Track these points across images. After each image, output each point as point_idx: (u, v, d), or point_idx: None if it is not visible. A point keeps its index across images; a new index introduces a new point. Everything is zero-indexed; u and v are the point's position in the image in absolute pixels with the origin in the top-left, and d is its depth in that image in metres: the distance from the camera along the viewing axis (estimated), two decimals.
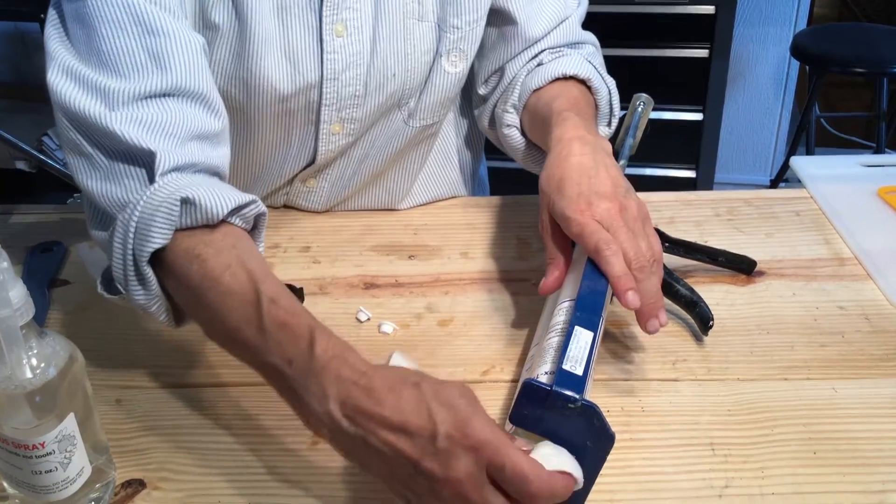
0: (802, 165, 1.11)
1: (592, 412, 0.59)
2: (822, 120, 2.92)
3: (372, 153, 0.98)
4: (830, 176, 1.08)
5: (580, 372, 0.62)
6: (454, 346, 0.83)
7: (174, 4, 0.76)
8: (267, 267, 0.66)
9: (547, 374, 0.64)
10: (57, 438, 0.60)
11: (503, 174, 1.35)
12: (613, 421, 0.61)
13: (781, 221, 1.00)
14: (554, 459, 0.58)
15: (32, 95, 2.60)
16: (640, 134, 0.94)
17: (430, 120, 0.97)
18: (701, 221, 1.00)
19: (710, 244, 0.92)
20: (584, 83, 0.92)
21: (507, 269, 0.94)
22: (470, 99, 1.04)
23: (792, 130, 2.87)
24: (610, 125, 0.96)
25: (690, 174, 2.65)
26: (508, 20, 0.93)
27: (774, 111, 2.90)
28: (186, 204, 0.67)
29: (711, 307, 0.82)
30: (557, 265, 0.76)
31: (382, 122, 0.96)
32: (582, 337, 0.65)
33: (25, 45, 2.69)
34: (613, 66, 0.99)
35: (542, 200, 0.78)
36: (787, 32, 2.77)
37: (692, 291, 0.83)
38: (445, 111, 1.00)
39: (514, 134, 0.95)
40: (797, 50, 2.49)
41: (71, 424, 0.61)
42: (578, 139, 0.79)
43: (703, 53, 2.46)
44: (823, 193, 1.04)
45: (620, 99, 0.96)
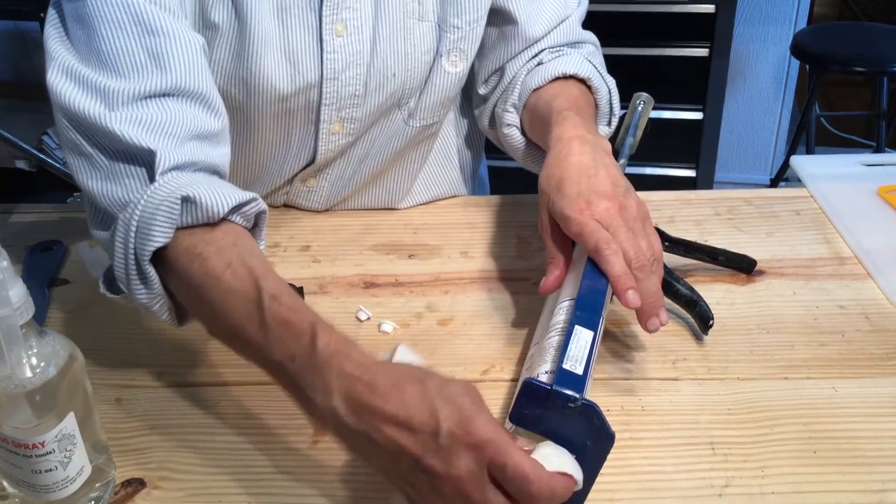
0: (802, 164, 1.11)
1: (592, 411, 0.59)
2: (822, 119, 2.92)
3: (372, 153, 0.98)
4: (830, 175, 1.08)
5: (580, 371, 0.62)
6: (454, 345, 0.83)
7: (174, 4, 0.76)
8: (268, 264, 0.66)
9: (547, 373, 0.64)
10: (57, 437, 0.60)
11: (503, 173, 1.35)
12: (613, 420, 0.61)
13: (781, 220, 1.00)
14: (555, 460, 0.58)
15: (32, 94, 2.60)
16: (640, 133, 0.94)
17: (430, 120, 0.97)
18: (701, 220, 1.00)
19: (710, 243, 0.92)
20: (584, 82, 0.92)
21: (507, 268, 0.94)
22: (470, 98, 1.04)
23: (792, 129, 2.87)
24: (610, 124, 0.96)
25: (690, 173, 2.65)
26: (509, 20, 0.93)
27: (774, 110, 2.90)
28: (187, 202, 0.67)
29: (711, 306, 0.82)
30: (557, 264, 0.76)
31: (382, 121, 0.96)
32: (582, 336, 0.65)
33: (25, 43, 2.69)
34: (613, 65, 0.99)
35: (541, 200, 0.78)
36: (787, 31, 2.77)
37: (692, 290, 0.83)
38: (446, 111, 1.00)
39: (513, 133, 0.95)
40: (797, 49, 2.49)
41: (71, 423, 0.61)
42: (578, 138, 0.79)
43: (703, 52, 2.45)
44: (823, 192, 1.04)
45: (620, 98, 0.96)
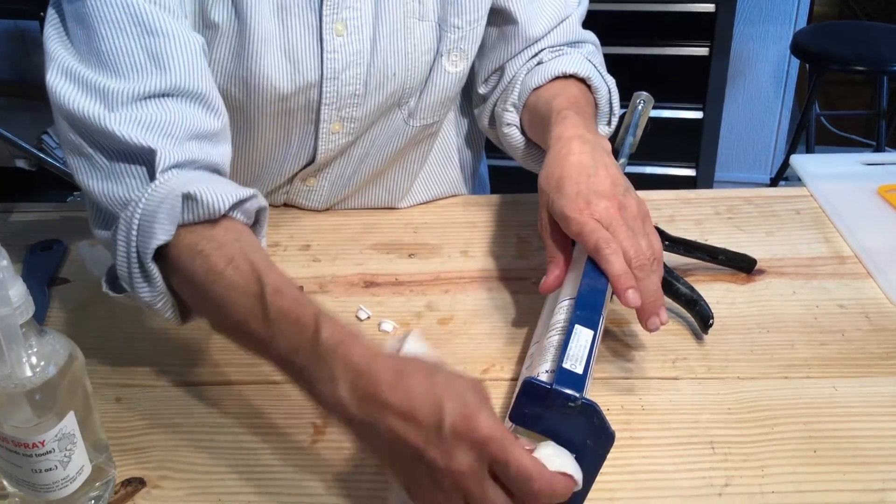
0: (802, 164, 1.10)
1: (592, 411, 0.59)
2: (822, 118, 2.92)
3: (372, 152, 0.98)
4: (830, 174, 1.08)
5: (580, 370, 0.62)
6: (454, 344, 0.83)
7: (174, 4, 0.76)
8: (270, 259, 0.66)
9: (547, 372, 0.64)
10: (57, 437, 0.60)
11: (503, 173, 1.35)
12: (613, 419, 0.61)
13: (781, 220, 1.00)
14: (556, 460, 0.58)
15: (32, 93, 2.60)
16: (640, 132, 0.94)
17: (430, 119, 0.97)
18: (701, 220, 1.00)
19: (710, 242, 0.92)
20: (583, 82, 0.92)
21: (507, 267, 0.94)
22: (470, 98, 1.04)
23: (792, 128, 2.87)
24: (610, 124, 0.96)
25: (690, 172, 2.65)
26: (509, 19, 0.93)
27: (774, 109, 2.90)
28: (188, 199, 0.67)
29: (711, 305, 0.82)
30: (557, 264, 0.76)
31: (382, 121, 0.96)
32: (582, 335, 0.65)
33: (25, 43, 2.69)
34: (613, 64, 0.99)
35: (541, 199, 0.78)
36: (787, 30, 2.76)
37: (692, 290, 0.83)
38: (446, 111, 1.00)
39: (513, 133, 0.95)
40: (797, 48, 2.49)
41: (71, 423, 0.61)
42: (578, 138, 0.79)
43: (703, 52, 2.45)
44: (823, 192, 1.04)
45: (620, 97, 0.96)
